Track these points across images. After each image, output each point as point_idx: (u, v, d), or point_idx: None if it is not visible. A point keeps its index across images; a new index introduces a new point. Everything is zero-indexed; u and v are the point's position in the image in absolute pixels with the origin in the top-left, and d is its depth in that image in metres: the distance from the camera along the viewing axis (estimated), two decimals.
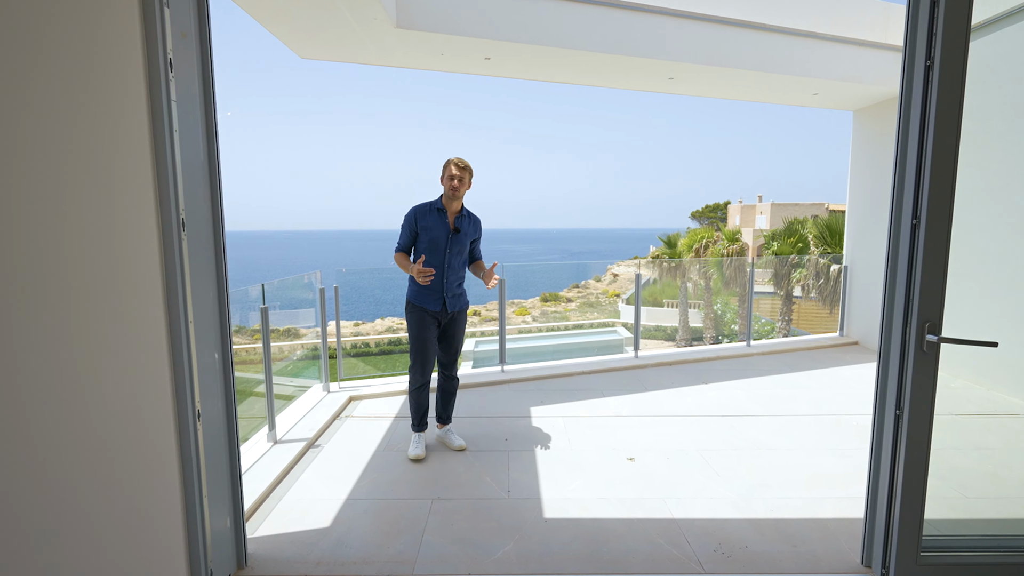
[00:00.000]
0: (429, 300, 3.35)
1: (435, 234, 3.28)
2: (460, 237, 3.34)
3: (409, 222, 3.33)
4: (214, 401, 2.15)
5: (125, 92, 1.71)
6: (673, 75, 5.17)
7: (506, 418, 4.15)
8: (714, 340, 19.19)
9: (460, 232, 3.34)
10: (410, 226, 3.33)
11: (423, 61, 4.64)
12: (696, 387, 4.91)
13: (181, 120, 1.94)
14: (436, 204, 3.33)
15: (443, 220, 3.31)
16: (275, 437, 3.59)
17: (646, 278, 27.89)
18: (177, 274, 1.90)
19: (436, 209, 3.31)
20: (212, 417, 2.14)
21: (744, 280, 17.06)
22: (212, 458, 2.14)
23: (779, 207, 42.99)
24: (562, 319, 28.93)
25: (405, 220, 3.35)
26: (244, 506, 2.47)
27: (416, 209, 3.34)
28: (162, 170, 1.85)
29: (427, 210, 3.31)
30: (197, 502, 2.02)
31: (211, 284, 2.12)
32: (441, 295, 3.35)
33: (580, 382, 5.06)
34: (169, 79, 1.86)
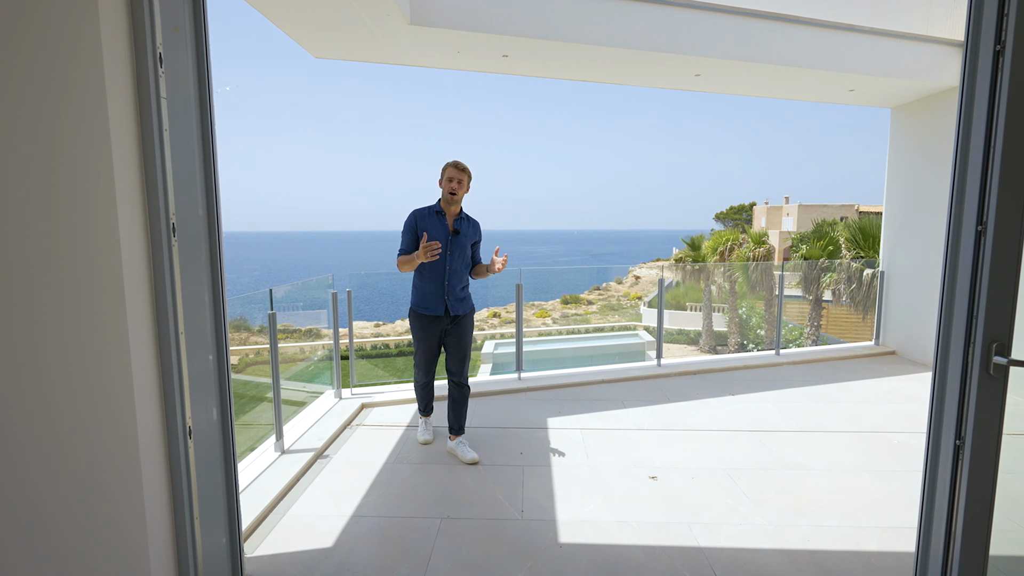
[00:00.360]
0: (432, 305, 3.35)
1: (435, 237, 3.27)
2: (460, 239, 3.34)
3: (410, 226, 3.33)
4: (208, 416, 2.03)
5: (109, 89, 1.60)
6: (699, 71, 4.94)
7: (521, 429, 3.99)
8: (739, 345, 18.73)
9: (460, 234, 3.34)
10: (411, 230, 3.32)
11: (439, 59, 4.50)
12: (722, 399, 4.67)
13: (172, 119, 1.82)
14: (435, 208, 3.33)
15: (442, 223, 3.31)
16: (283, 447, 3.48)
17: (669, 280, 27.42)
18: (167, 283, 1.78)
19: (435, 212, 3.32)
20: (206, 433, 2.02)
21: (771, 284, 16.58)
22: (205, 476, 2.02)
23: (807, 209, 41.95)
24: (583, 322, 28.63)
25: (405, 225, 3.35)
26: (242, 524, 2.35)
27: (415, 213, 3.34)
28: (151, 172, 1.73)
29: (426, 214, 3.32)
30: (188, 523, 1.90)
31: (206, 293, 2.00)
32: (443, 299, 3.34)
33: (599, 391, 4.87)
34: (159, 75, 1.74)
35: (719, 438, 3.81)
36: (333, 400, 4.48)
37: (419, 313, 3.39)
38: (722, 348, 21.28)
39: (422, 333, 3.41)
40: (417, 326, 3.42)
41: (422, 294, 3.36)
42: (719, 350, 21.24)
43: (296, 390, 4.83)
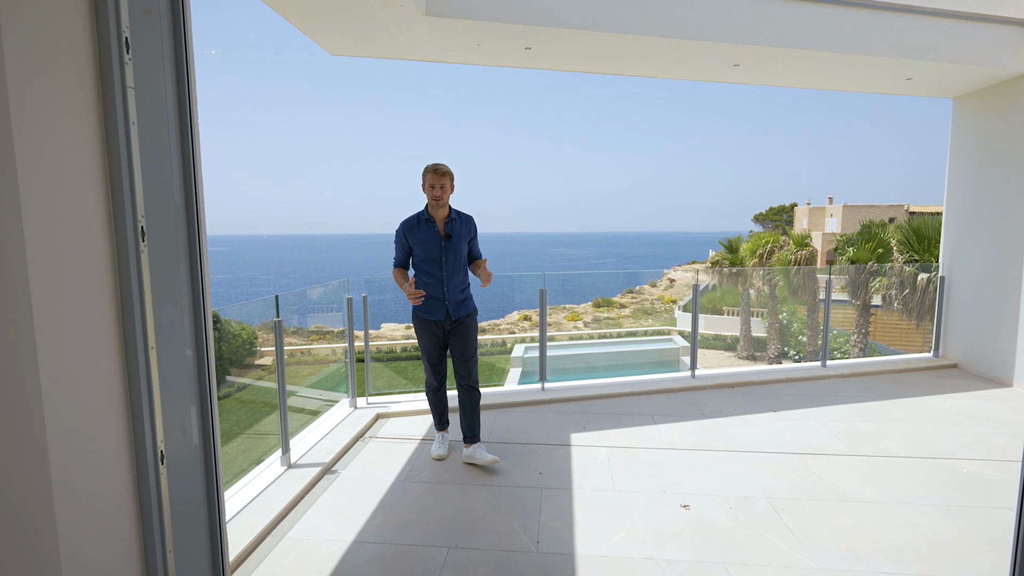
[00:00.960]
0: (433, 310, 3.33)
1: (427, 245, 3.24)
2: (454, 242, 3.26)
3: (399, 238, 3.31)
4: (186, 438, 1.85)
5: (65, 77, 1.43)
6: (739, 61, 4.58)
7: (542, 446, 3.72)
8: (779, 352, 17.94)
9: (453, 237, 3.25)
10: (401, 243, 3.31)
11: (458, 54, 4.29)
12: (763, 415, 4.29)
13: (143, 112, 1.65)
14: (422, 215, 3.27)
15: (432, 230, 3.25)
16: (289, 460, 3.32)
17: (705, 284, 26.62)
18: (134, 293, 1.60)
19: (423, 220, 3.26)
20: (184, 457, 1.84)
21: (814, 288, 15.79)
22: (183, 505, 1.84)
23: (852, 209, 40.20)
24: (615, 326, 28.08)
25: (396, 237, 3.33)
26: (230, 553, 2.17)
27: (404, 224, 3.30)
28: (115, 171, 1.56)
29: (414, 223, 3.26)
30: (160, 560, 1.72)
31: (185, 303, 1.83)
32: (444, 304, 3.31)
33: (628, 404, 4.55)
34: (124, 63, 1.56)
35: (760, 461, 3.46)
36: (348, 410, 4.31)
37: (421, 317, 3.38)
38: (760, 355, 20.46)
39: (426, 335, 3.39)
40: (420, 329, 3.41)
41: (423, 300, 3.32)
42: (757, 357, 20.43)
43: (314, 398, 4.70)
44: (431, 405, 3.63)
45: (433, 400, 3.61)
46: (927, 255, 10.03)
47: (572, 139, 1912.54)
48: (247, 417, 5.47)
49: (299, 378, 8.54)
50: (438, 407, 3.63)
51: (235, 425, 5.98)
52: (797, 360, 18.76)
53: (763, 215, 53.95)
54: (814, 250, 16.73)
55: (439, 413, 3.63)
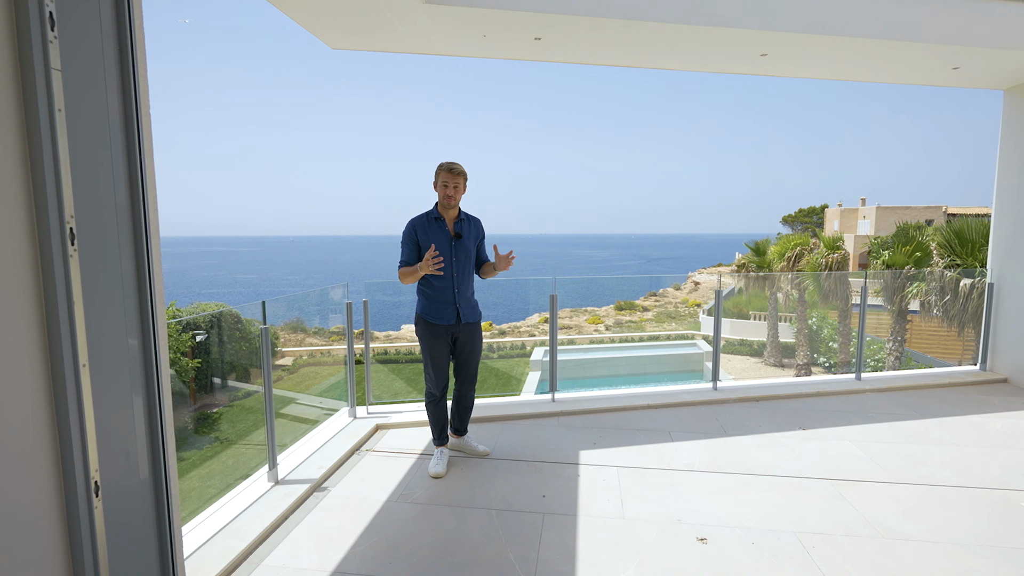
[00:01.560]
0: (442, 314, 3.21)
1: (438, 244, 3.13)
2: (464, 243, 3.21)
3: (409, 237, 3.18)
4: (130, 466, 1.65)
5: None
6: (767, 50, 4.25)
7: (548, 464, 3.46)
8: (808, 359, 17.27)
9: (463, 237, 3.20)
10: (411, 241, 3.18)
11: (464, 45, 4.07)
12: (791, 434, 3.95)
13: (73, 97, 1.45)
14: (432, 214, 3.19)
15: (443, 229, 3.18)
16: (276, 476, 3.12)
17: (730, 287, 25.91)
18: (61, 302, 1.41)
19: (433, 219, 3.18)
20: (127, 489, 1.64)
21: (846, 293, 15.14)
22: (125, 544, 1.64)
23: (887, 211, 38.79)
24: (637, 329, 27.56)
25: (404, 236, 3.19)
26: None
27: (414, 223, 3.19)
28: (37, 166, 1.36)
29: (424, 222, 3.18)
30: None
31: (129, 313, 1.63)
32: (454, 306, 3.22)
33: (644, 419, 4.26)
34: (48, 41, 1.37)
35: (787, 488, 3.14)
36: (347, 420, 4.12)
37: (429, 321, 3.23)
38: (789, 361, 19.76)
39: (433, 341, 3.24)
40: (427, 334, 3.25)
41: (432, 303, 3.23)
42: (785, 364, 19.75)
43: (314, 406, 4.53)
44: (431, 417, 3.43)
45: (433, 412, 3.42)
46: (970, 259, 9.43)
47: (596, 139, 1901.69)
48: (250, 425, 5.32)
49: (318, 379, 8.42)
50: (439, 420, 3.42)
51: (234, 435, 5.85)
52: (827, 368, 18.06)
53: (792, 217, 52.54)
54: (846, 253, 16.04)
55: (439, 427, 3.43)
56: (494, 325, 25.53)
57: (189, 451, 9.25)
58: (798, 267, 17.13)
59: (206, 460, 8.67)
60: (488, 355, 21.61)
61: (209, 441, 9.00)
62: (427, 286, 3.21)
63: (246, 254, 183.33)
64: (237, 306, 16.72)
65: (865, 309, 5.29)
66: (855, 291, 15.28)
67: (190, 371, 11.89)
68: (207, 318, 12.94)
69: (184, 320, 12.24)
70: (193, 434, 9.55)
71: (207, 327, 14.00)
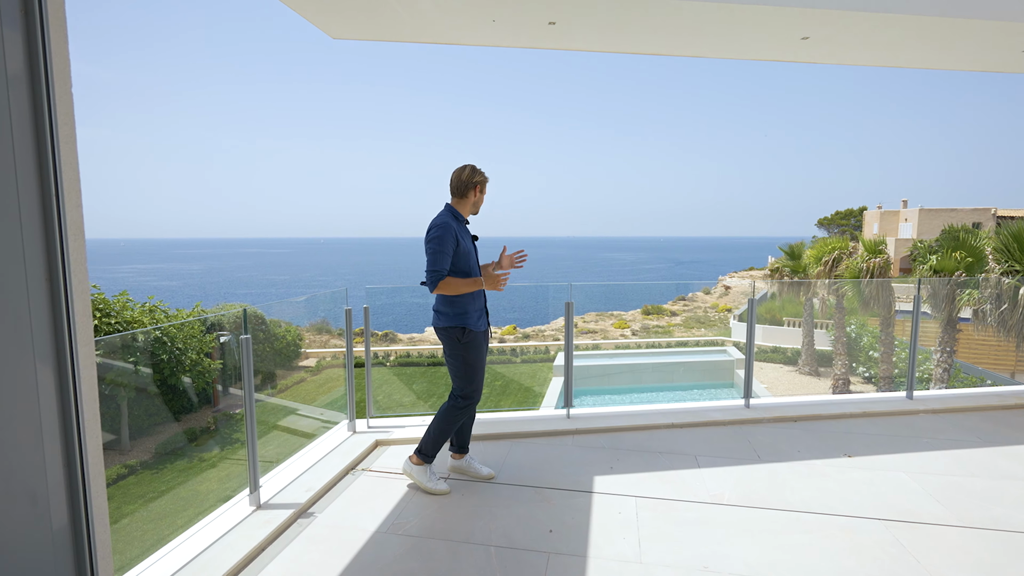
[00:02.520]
0: (481, 321, 3.07)
1: (469, 250, 3.01)
2: (477, 244, 3.17)
3: (450, 241, 2.88)
4: (41, 513, 1.39)
5: None
6: (808, 33, 3.83)
7: (558, 491, 3.12)
8: (847, 368, 16.41)
9: (477, 239, 3.16)
10: (451, 246, 2.89)
11: (472, 34, 3.77)
12: (834, 462, 3.51)
13: None
14: (458, 216, 3.02)
15: (468, 232, 3.09)
16: (259, 500, 2.87)
17: (763, 292, 24.99)
18: None
19: (461, 221, 3.03)
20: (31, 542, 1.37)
21: (888, 300, 14.31)
22: None
23: (930, 213, 37.03)
24: (665, 334, 26.85)
25: (442, 241, 2.85)
26: None
27: (450, 225, 2.91)
28: None
29: (456, 224, 2.97)
30: None
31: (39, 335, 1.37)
32: (485, 310, 3.13)
33: (667, 439, 3.87)
34: None
35: (833, 529, 2.72)
36: (345, 434, 3.85)
37: (474, 331, 3.01)
38: (825, 370, 18.87)
39: (482, 351, 3.08)
40: (476, 344, 3.03)
41: (471, 310, 3.01)
42: (821, 372, 18.86)
43: (315, 419, 4.30)
44: (453, 425, 3.09)
45: (459, 422, 3.12)
46: None
47: (622, 138, 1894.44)
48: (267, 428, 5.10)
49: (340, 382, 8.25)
50: (448, 435, 3.13)
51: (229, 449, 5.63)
52: (867, 378, 17.15)
53: (828, 219, 50.73)
54: (888, 258, 15.18)
55: (460, 433, 3.27)
56: (518, 328, 25.22)
57: (210, 451, 9.16)
58: (836, 272, 16.30)
59: (223, 460, 8.56)
60: (511, 359, 21.29)
61: (230, 442, 8.93)
62: (467, 293, 2.97)
63: (279, 255, 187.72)
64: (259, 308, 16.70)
65: (918, 319, 4.77)
66: (898, 297, 14.43)
67: (212, 372, 11.89)
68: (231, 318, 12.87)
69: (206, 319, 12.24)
70: (216, 434, 9.48)
71: (230, 327, 13.92)
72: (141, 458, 9.97)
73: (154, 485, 9.00)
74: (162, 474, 9.30)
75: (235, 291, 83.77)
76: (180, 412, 10.17)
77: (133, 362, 10.36)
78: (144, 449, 10.02)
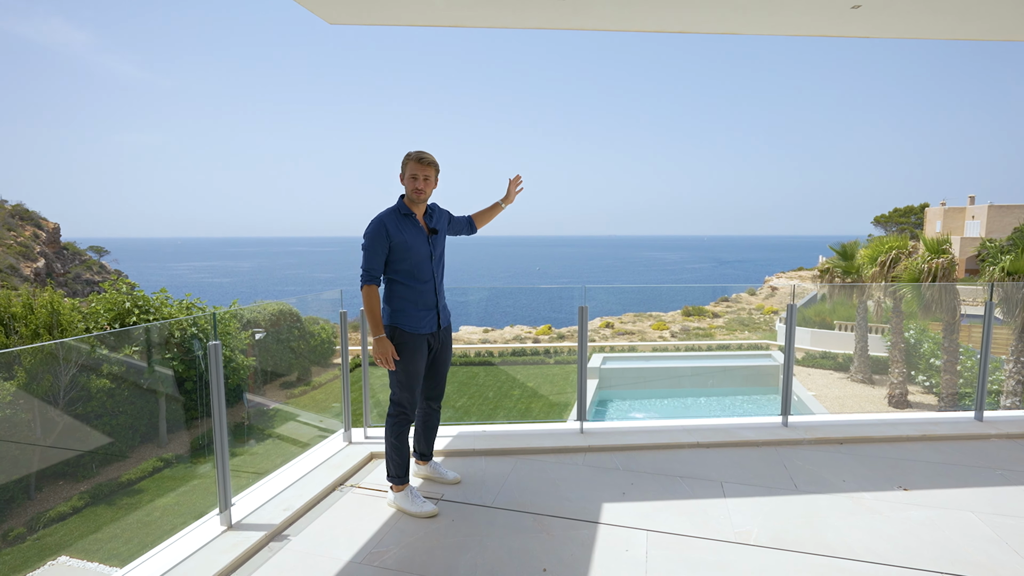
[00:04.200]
0: (424, 322, 2.82)
1: (414, 245, 2.75)
2: (439, 238, 2.90)
3: (379, 236, 2.69)
4: None
5: None
6: (860, 0, 3.33)
7: (560, 520, 2.77)
8: (904, 376, 15.26)
9: (438, 233, 2.88)
10: (382, 241, 2.70)
11: (478, 14, 3.45)
12: (887, 496, 3.02)
13: None
14: (402, 209, 2.79)
15: (416, 225, 2.80)
16: (230, 519, 2.65)
17: (812, 294, 23.69)
18: None
19: (403, 215, 2.78)
20: None
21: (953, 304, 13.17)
22: None
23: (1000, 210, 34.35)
24: (706, 337, 25.86)
25: (372, 236, 2.70)
26: None
27: (383, 219, 2.72)
28: None
29: (395, 219, 2.75)
30: None
31: None
32: (435, 311, 2.86)
33: (690, 460, 3.46)
34: None
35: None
36: (340, 444, 3.62)
37: (410, 333, 2.78)
38: (879, 377, 17.64)
39: (416, 355, 2.80)
40: (409, 348, 2.78)
41: (411, 309, 2.79)
42: (876, 380, 17.65)
43: (314, 425, 4.10)
44: (401, 448, 2.84)
45: (404, 440, 2.85)
46: None
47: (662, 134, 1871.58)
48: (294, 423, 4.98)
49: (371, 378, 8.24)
50: (405, 455, 2.88)
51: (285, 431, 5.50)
52: (927, 387, 15.91)
53: (886, 217, 47.90)
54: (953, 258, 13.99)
55: (407, 463, 2.89)
56: (553, 328, 24.82)
57: (244, 448, 9.22)
58: (892, 273, 15.17)
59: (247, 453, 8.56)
60: (544, 360, 20.91)
61: (262, 438, 9.00)
62: (406, 289, 2.79)
63: (324, 254, 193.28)
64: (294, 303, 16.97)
65: (990, 331, 4.15)
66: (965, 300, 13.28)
67: (246, 368, 12.01)
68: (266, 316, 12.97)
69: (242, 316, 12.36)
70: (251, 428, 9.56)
71: (266, 325, 14.07)
72: (176, 451, 10.20)
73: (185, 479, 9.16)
74: (196, 466, 9.47)
75: (284, 288, 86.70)
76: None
77: (170, 358, 10.60)
78: (181, 443, 10.24)
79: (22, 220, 39.74)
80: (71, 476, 9.50)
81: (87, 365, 9.67)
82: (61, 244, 42.21)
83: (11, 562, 7.85)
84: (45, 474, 9.13)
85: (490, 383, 17.47)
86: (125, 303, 11.36)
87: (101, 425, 9.88)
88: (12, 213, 39.30)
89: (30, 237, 38.23)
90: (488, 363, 19.94)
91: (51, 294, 10.59)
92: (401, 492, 2.85)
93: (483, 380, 17.94)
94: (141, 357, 9.86)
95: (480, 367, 19.37)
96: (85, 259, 43.92)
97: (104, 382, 9.59)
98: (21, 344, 9.98)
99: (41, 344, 9.96)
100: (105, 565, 7.11)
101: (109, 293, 11.68)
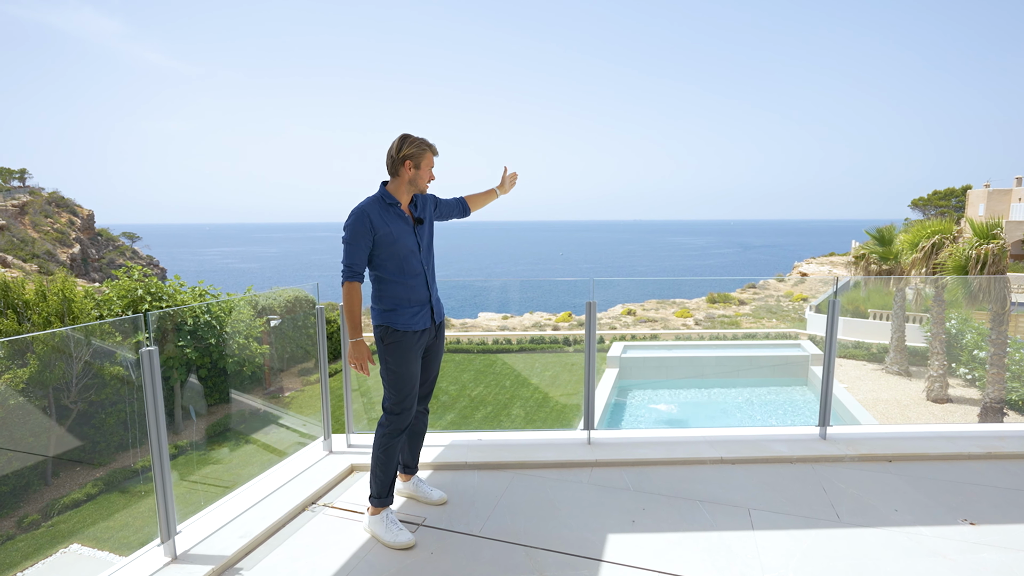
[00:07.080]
0: (418, 319, 2.57)
1: (400, 237, 2.50)
2: (426, 227, 2.65)
3: (363, 229, 2.43)
4: None
5: None
6: None
7: (556, 556, 2.37)
8: (944, 368, 14.39)
9: (424, 222, 2.63)
10: (367, 236, 2.44)
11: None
12: (950, 531, 2.53)
13: None
14: (387, 199, 2.50)
15: (402, 215, 2.54)
16: (174, 550, 2.31)
17: (846, 280, 22.64)
18: None
19: (388, 204, 2.51)
20: None
21: (1002, 292, 12.25)
22: None
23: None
24: (731, 325, 25.03)
25: (355, 229, 2.43)
26: None
27: (366, 210, 2.44)
28: None
29: (379, 209, 2.47)
30: None
31: None
32: (428, 306, 2.62)
33: (712, 480, 3.00)
34: None
35: None
36: (320, 453, 3.27)
37: (404, 331, 2.51)
38: (917, 370, 16.74)
39: (408, 355, 2.53)
40: (404, 348, 2.52)
41: (403, 306, 2.54)
42: (913, 372, 16.76)
43: (295, 430, 3.77)
44: (390, 462, 2.52)
45: (395, 452, 2.54)
46: None
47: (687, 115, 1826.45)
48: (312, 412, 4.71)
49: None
50: (394, 470, 2.56)
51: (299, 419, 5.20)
52: (970, 380, 15.00)
53: (924, 200, 45.72)
54: (1003, 244, 13.01)
55: (393, 480, 2.57)
56: (572, 316, 24.33)
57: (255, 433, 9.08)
58: (935, 260, 14.24)
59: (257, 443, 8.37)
60: (564, 348, 20.46)
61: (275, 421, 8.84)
62: (396, 286, 2.54)
63: None
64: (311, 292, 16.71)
65: None
66: (1016, 289, 12.35)
67: (260, 356, 11.89)
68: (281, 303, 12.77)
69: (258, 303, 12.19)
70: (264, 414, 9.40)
71: (282, 312, 13.89)
72: (191, 438, 10.14)
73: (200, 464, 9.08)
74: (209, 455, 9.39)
75: (309, 273, 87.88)
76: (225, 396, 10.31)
77: (183, 346, 10.52)
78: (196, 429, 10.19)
79: (58, 207, 40.77)
80: (87, 463, 9.53)
81: (100, 351, 9.66)
82: (96, 230, 43.25)
83: (24, 549, 7.85)
84: (61, 459, 9.17)
85: (507, 372, 17.14)
86: (137, 290, 11.29)
87: (116, 412, 9.88)
88: (49, 200, 40.32)
89: (66, 224, 39.20)
90: (506, 350, 19.58)
91: (63, 280, 10.56)
92: (377, 516, 2.49)
93: (500, 368, 17.63)
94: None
95: (497, 355, 19.05)
96: (118, 245, 44.95)
97: (118, 369, 9.57)
98: (33, 331, 9.98)
99: (51, 331, 9.94)
100: (115, 554, 7.03)
101: (122, 280, 11.64)
